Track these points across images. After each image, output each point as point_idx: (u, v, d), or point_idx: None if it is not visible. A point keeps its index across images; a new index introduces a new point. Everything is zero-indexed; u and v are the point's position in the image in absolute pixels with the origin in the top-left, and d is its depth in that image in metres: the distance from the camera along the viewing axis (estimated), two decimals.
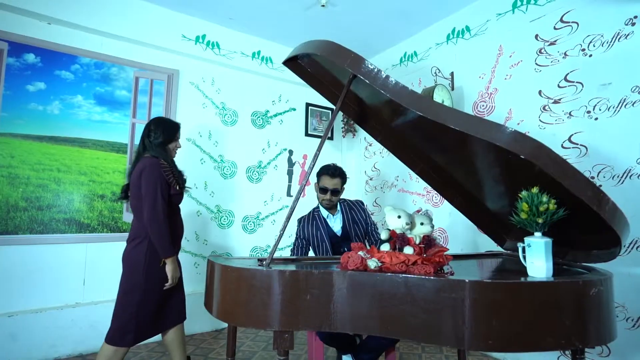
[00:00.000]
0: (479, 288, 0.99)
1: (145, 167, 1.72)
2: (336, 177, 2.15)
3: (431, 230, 1.22)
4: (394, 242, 1.18)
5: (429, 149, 1.62)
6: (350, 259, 1.18)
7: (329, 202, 2.17)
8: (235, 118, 3.37)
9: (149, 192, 1.69)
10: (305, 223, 2.22)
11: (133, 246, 1.79)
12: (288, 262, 1.50)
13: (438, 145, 1.53)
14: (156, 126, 1.86)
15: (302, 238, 2.20)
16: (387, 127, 1.63)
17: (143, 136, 1.86)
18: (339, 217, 2.23)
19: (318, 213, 2.23)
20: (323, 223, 2.18)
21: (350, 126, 3.92)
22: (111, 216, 2.69)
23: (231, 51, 3.30)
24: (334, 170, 2.15)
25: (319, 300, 1.12)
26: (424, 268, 1.11)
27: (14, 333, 2.29)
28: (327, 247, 2.12)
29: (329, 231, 2.17)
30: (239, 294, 1.18)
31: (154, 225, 1.68)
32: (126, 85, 2.82)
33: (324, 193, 2.16)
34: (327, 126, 1.40)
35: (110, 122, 2.74)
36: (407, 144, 1.67)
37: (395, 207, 1.24)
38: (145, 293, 1.75)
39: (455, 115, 1.15)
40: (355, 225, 2.20)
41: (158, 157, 1.79)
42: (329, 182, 2.14)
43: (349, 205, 2.28)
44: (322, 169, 2.19)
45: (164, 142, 1.84)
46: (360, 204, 2.32)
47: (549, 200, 1.14)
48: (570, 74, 2.18)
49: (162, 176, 1.73)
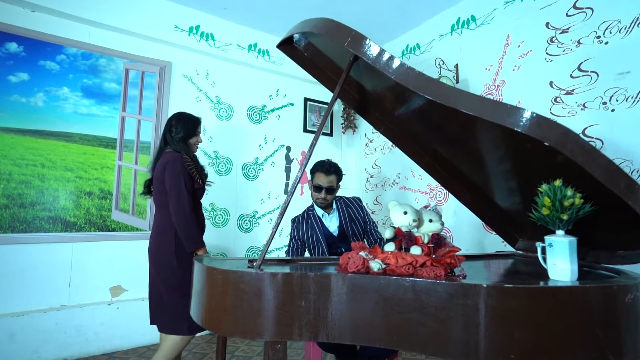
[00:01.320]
0: (498, 294, 0.86)
1: (168, 161, 1.73)
2: (331, 174, 2.01)
3: (441, 228, 1.09)
4: (399, 241, 1.06)
5: (436, 140, 1.49)
6: (351, 260, 1.05)
7: (324, 201, 2.04)
8: (231, 113, 3.25)
9: (173, 185, 1.70)
10: (299, 223, 2.09)
11: (161, 240, 1.76)
12: (282, 263, 1.37)
13: (446, 136, 1.40)
14: (177, 121, 1.87)
15: (296, 239, 2.07)
16: (391, 116, 1.50)
17: (164, 131, 1.88)
18: (335, 216, 2.10)
19: (313, 212, 2.10)
20: (318, 222, 2.05)
21: (351, 122, 3.79)
22: (99, 214, 2.56)
23: (226, 43, 3.18)
24: (328, 167, 2.01)
25: (316, 306, 1.00)
26: (434, 270, 0.98)
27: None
28: (323, 248, 1.99)
29: (325, 231, 2.04)
30: (226, 300, 1.05)
31: (181, 218, 1.68)
32: (115, 78, 2.69)
33: (318, 191, 2.03)
34: (325, 115, 1.27)
35: (99, 115, 2.61)
36: (412, 135, 1.54)
37: (400, 203, 1.12)
38: (183, 282, 1.66)
39: (468, 98, 1.02)
40: (352, 224, 2.07)
41: (180, 151, 1.78)
42: (324, 179, 2.00)
43: (346, 203, 2.15)
44: (316, 166, 2.05)
45: (185, 136, 1.85)
46: (357, 201, 2.19)
47: (574, 194, 1.01)
48: (584, 63, 2.05)
49: (185, 170, 1.74)
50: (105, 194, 2.60)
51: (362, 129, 3.82)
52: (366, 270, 1.03)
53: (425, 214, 1.11)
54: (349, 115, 3.78)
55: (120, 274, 2.61)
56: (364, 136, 3.78)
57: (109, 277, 2.58)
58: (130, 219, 2.69)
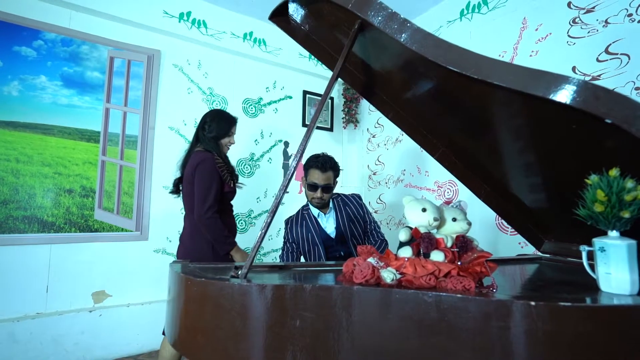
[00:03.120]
0: (552, 314, 0.66)
1: (199, 161, 1.68)
2: (327, 170, 1.81)
3: (467, 229, 0.89)
4: (417, 244, 0.86)
5: (454, 126, 1.28)
6: (357, 269, 0.85)
7: (320, 201, 1.83)
8: (225, 105, 3.04)
9: (201, 187, 1.65)
10: (293, 224, 1.89)
11: (194, 242, 1.73)
12: (274, 270, 1.17)
13: (466, 120, 1.20)
14: (212, 119, 1.83)
15: (290, 242, 1.87)
16: (401, 99, 1.30)
17: (198, 128, 1.84)
18: (331, 216, 1.90)
19: (308, 212, 1.90)
20: (314, 223, 1.85)
21: (352, 116, 3.59)
22: (80, 213, 2.36)
23: (220, 31, 2.97)
24: (323, 162, 1.80)
25: (314, 327, 0.80)
26: (462, 282, 0.78)
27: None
28: (320, 251, 1.79)
29: (321, 233, 1.84)
30: (203, 318, 0.85)
31: (204, 222, 1.64)
32: (99, 66, 2.49)
33: (313, 190, 1.82)
34: (323, 97, 1.07)
35: (80, 106, 2.41)
36: (426, 121, 1.34)
37: (417, 198, 0.92)
38: None
39: (503, 69, 0.83)
40: (352, 224, 1.87)
41: (211, 151, 1.74)
42: (319, 176, 1.80)
43: (344, 201, 1.94)
44: (310, 161, 1.85)
45: (216, 136, 1.80)
46: (356, 199, 1.98)
47: (635, 187, 0.81)
48: (613, 45, 1.85)
49: (216, 171, 1.68)
50: (88, 192, 2.40)
51: (364, 124, 3.62)
52: (376, 281, 0.83)
53: (447, 212, 0.91)
54: (350, 109, 3.58)
55: (103, 278, 2.41)
56: (366, 131, 3.58)
57: (91, 281, 2.37)
58: (115, 218, 2.49)
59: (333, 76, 1.07)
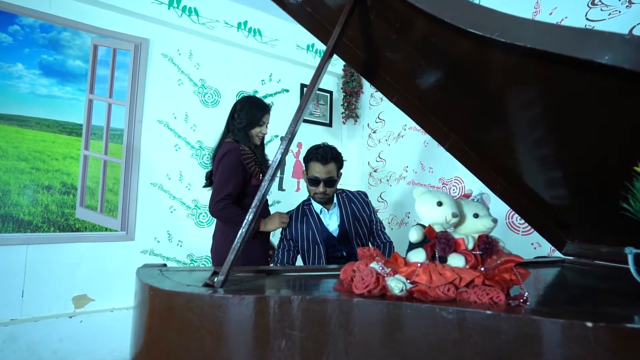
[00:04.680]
0: (621, 340, 0.50)
1: (224, 153, 1.62)
2: (329, 162, 1.65)
3: (492, 227, 0.73)
4: (431, 246, 0.70)
5: (468, 110, 1.13)
6: (358, 276, 0.69)
7: (323, 196, 1.69)
8: (217, 98, 2.88)
9: (218, 179, 1.59)
10: (293, 220, 1.74)
11: (224, 238, 1.67)
12: (260, 275, 1.00)
13: (483, 101, 1.04)
14: (241, 107, 1.74)
15: (288, 239, 1.71)
16: (407, 79, 1.14)
17: (228, 117, 1.78)
18: (335, 213, 1.75)
19: (309, 207, 1.74)
20: (316, 220, 1.70)
21: (352, 111, 3.43)
22: (60, 212, 2.20)
23: (212, 20, 2.82)
24: (324, 154, 1.65)
25: (304, 349, 0.64)
26: (489, 293, 0.62)
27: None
28: (320, 251, 1.64)
29: (323, 231, 1.69)
30: (167, 336, 0.69)
31: (216, 215, 1.60)
32: (82, 54, 2.33)
33: (315, 184, 1.67)
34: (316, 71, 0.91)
35: (61, 97, 2.25)
36: (436, 105, 1.18)
37: (431, 190, 0.76)
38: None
39: (537, 29, 0.67)
40: (356, 223, 1.71)
41: (239, 142, 1.67)
42: (321, 169, 1.65)
43: (349, 197, 1.79)
44: (310, 154, 1.70)
45: (246, 126, 1.71)
46: (362, 196, 1.84)
47: None
48: (638, 26, 1.69)
49: (241, 164, 1.60)
50: (68, 189, 2.24)
51: (364, 119, 3.46)
52: (381, 292, 0.67)
53: (467, 206, 0.75)
54: (350, 103, 3.42)
55: (85, 281, 2.25)
56: (367, 126, 3.42)
57: (71, 285, 2.21)
58: (98, 217, 2.33)
59: (327, 49, 0.91)
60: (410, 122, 2.97)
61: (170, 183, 2.62)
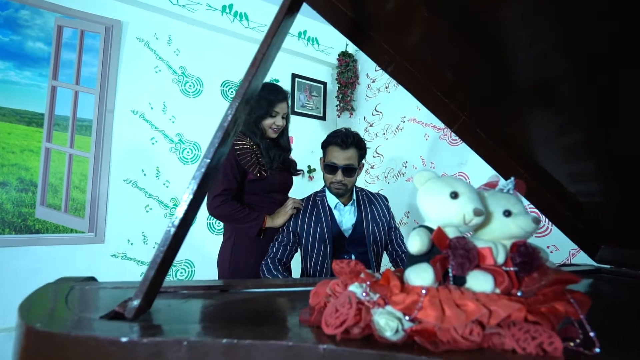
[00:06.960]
0: None
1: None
2: (349, 147, 1.45)
3: (534, 229, 0.49)
4: (442, 260, 0.45)
5: (482, 81, 0.89)
6: (330, 305, 0.45)
7: (341, 186, 1.48)
8: (200, 88, 2.65)
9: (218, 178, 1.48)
10: (300, 211, 1.52)
11: (224, 242, 1.60)
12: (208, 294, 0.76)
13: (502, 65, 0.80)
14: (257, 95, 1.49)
15: (289, 231, 1.49)
16: (407, 44, 0.90)
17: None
18: (351, 210, 1.54)
19: (322, 199, 1.53)
20: (327, 214, 1.48)
21: (347, 103, 3.19)
22: (17, 211, 1.96)
23: (194, 2, 2.58)
24: (345, 137, 1.45)
25: None
26: (537, 337, 0.39)
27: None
28: (327, 251, 1.43)
29: (334, 228, 1.47)
30: None
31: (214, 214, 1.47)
32: (43, 36, 2.09)
33: (332, 172, 1.48)
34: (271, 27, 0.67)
35: (18, 83, 2.01)
36: (442, 75, 0.94)
37: (440, 176, 0.52)
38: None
39: None
40: (375, 226, 1.50)
41: (247, 135, 1.54)
42: (340, 154, 1.45)
43: (369, 198, 1.59)
44: (328, 137, 1.51)
45: (257, 117, 1.54)
46: (384, 199, 1.65)
47: None
48: None
49: (234, 159, 1.47)
50: (27, 185, 2.00)
51: (360, 112, 3.22)
52: (364, 332, 0.43)
53: (493, 200, 0.51)
54: (345, 95, 3.19)
55: None
56: (363, 119, 3.19)
57: (29, 293, 1.96)
58: (62, 217, 2.09)
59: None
60: (409, 114, 2.74)
61: (145, 180, 2.38)
